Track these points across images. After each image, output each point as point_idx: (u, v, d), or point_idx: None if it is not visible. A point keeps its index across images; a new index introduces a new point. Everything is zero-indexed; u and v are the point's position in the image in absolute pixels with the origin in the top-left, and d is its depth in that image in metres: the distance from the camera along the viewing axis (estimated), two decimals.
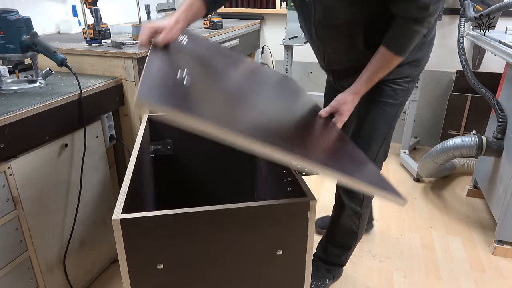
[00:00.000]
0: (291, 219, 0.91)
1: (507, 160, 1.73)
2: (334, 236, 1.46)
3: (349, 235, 1.42)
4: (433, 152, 2.08)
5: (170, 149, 1.58)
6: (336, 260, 1.50)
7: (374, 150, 1.26)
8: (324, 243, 1.50)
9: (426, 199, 2.19)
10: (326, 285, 1.52)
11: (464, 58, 2.03)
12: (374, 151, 1.26)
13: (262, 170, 1.56)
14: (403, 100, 1.24)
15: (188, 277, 0.92)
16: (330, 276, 1.53)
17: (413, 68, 1.22)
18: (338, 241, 1.46)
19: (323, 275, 1.51)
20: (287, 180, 1.10)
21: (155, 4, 2.78)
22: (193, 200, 1.73)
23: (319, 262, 1.52)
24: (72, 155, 1.31)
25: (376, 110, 1.23)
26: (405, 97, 1.24)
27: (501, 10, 1.73)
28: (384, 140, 1.25)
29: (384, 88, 1.21)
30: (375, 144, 1.25)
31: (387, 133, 1.25)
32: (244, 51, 2.63)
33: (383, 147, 1.27)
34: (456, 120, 2.59)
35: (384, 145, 1.26)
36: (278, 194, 1.24)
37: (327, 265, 1.51)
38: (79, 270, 1.42)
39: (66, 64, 1.30)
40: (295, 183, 1.03)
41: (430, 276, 1.61)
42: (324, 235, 1.51)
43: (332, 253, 1.48)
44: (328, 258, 1.50)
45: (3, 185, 1.07)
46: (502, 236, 1.72)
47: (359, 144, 1.21)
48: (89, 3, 1.68)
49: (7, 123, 1.04)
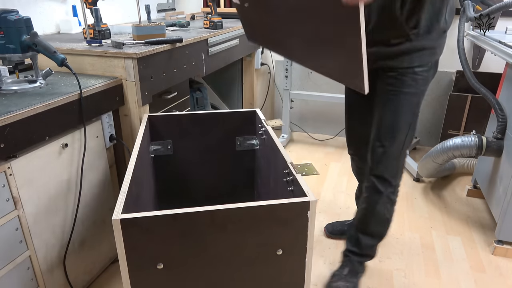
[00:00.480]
0: (291, 219, 0.91)
1: (507, 160, 1.73)
2: (368, 227, 1.48)
3: (383, 223, 1.47)
4: (433, 152, 2.08)
5: (170, 149, 1.58)
6: (369, 251, 1.53)
7: (401, 138, 1.32)
8: (355, 236, 1.52)
9: (426, 199, 2.19)
10: (359, 279, 1.55)
11: (464, 58, 2.03)
12: (401, 139, 1.32)
13: (262, 170, 1.56)
14: (423, 88, 1.29)
15: (188, 277, 0.92)
16: (362, 270, 1.56)
17: (431, 56, 1.26)
18: (373, 231, 1.49)
19: (357, 269, 1.54)
20: (287, 180, 1.10)
21: (155, 4, 2.78)
22: (193, 200, 1.73)
23: (352, 256, 1.54)
24: (72, 155, 1.31)
25: (399, 101, 1.28)
26: (425, 86, 1.29)
27: (501, 10, 1.72)
28: (409, 128, 1.31)
29: (405, 80, 1.25)
30: (402, 132, 1.31)
31: (411, 121, 1.31)
32: (244, 51, 2.63)
33: (409, 134, 1.32)
34: (456, 120, 2.59)
35: (410, 132, 1.32)
36: (278, 194, 1.24)
37: (361, 258, 1.54)
38: (79, 270, 1.42)
39: (66, 64, 1.30)
40: (295, 183, 1.03)
41: (430, 276, 1.61)
42: (353, 229, 1.53)
43: (366, 245, 1.50)
44: (361, 251, 1.52)
45: (3, 185, 1.07)
46: (502, 236, 1.72)
47: (386, 134, 1.30)
48: (89, 3, 1.67)
49: (7, 123, 1.04)
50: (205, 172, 1.68)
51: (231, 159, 1.67)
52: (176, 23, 2.24)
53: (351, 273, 1.52)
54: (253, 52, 2.88)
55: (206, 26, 2.23)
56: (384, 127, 1.32)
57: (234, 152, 1.66)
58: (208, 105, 2.53)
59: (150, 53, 1.52)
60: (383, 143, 1.33)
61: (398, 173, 1.38)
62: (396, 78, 1.26)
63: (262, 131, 1.50)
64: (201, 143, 1.61)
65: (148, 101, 1.57)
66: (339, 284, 1.50)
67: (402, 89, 1.27)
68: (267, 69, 3.11)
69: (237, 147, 1.64)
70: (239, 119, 1.60)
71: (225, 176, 1.71)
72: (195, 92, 2.39)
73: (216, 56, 2.15)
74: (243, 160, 1.69)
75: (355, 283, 1.51)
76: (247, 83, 3.00)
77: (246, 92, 3.03)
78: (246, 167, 1.71)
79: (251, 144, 1.65)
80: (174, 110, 1.84)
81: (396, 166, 1.36)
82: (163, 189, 1.66)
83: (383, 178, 1.37)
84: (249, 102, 3.05)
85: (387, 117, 1.31)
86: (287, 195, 1.11)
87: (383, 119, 1.32)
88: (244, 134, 1.63)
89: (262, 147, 1.53)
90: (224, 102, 3.14)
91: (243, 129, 1.62)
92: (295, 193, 1.05)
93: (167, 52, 1.64)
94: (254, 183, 1.75)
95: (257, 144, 1.62)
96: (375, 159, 1.37)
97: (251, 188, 1.76)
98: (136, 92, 1.50)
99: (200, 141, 1.61)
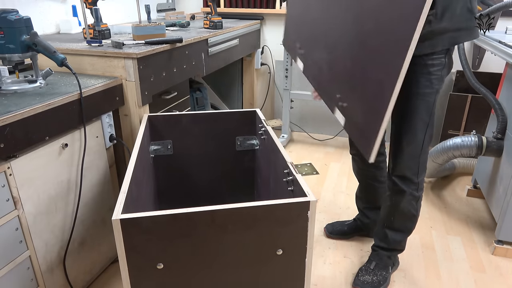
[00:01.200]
0: (291, 219, 0.92)
1: (507, 160, 1.73)
2: (394, 223, 1.50)
3: (409, 220, 1.48)
4: (433, 152, 2.08)
5: (170, 149, 1.58)
6: (397, 246, 1.54)
7: (420, 138, 1.33)
8: (383, 231, 1.53)
9: (426, 199, 2.19)
10: (389, 273, 1.57)
11: (464, 58, 2.03)
12: (420, 138, 1.33)
13: (262, 170, 1.56)
14: (438, 87, 1.30)
15: (188, 277, 0.92)
16: (391, 263, 1.58)
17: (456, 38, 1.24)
18: (400, 227, 1.50)
19: (386, 263, 1.56)
20: (287, 180, 1.10)
21: (155, 4, 2.78)
22: (192, 200, 1.73)
23: (380, 251, 1.56)
24: (72, 155, 1.31)
25: (416, 101, 1.29)
26: (440, 84, 1.30)
27: (501, 10, 1.72)
28: (427, 127, 1.32)
29: (420, 80, 1.27)
30: (420, 132, 1.32)
31: (429, 120, 1.32)
32: (244, 51, 2.63)
33: (428, 132, 1.34)
34: (456, 120, 2.59)
35: (429, 130, 1.33)
36: (278, 194, 1.24)
37: (389, 252, 1.56)
38: (79, 270, 1.42)
39: (66, 64, 1.30)
40: (295, 183, 1.03)
41: (430, 276, 1.61)
42: (380, 225, 1.55)
43: (393, 240, 1.52)
44: (389, 246, 1.54)
45: (3, 185, 1.07)
46: (502, 236, 1.72)
47: (405, 134, 1.32)
48: (89, 3, 1.67)
49: (7, 123, 1.04)
50: (205, 172, 1.68)
51: (231, 159, 1.67)
52: (176, 23, 2.25)
53: (378, 266, 1.55)
54: (253, 52, 2.88)
55: (206, 26, 2.23)
56: (404, 128, 1.33)
57: (234, 152, 1.66)
58: (208, 105, 2.53)
59: (150, 53, 1.52)
60: (401, 144, 1.34)
61: (420, 170, 1.38)
62: (413, 79, 1.26)
63: (262, 131, 1.50)
64: (201, 143, 1.61)
65: (148, 101, 1.57)
66: (366, 278, 1.53)
67: (418, 90, 1.28)
68: (267, 69, 3.11)
69: (237, 147, 1.64)
70: (239, 119, 1.60)
71: (225, 176, 1.71)
72: (195, 92, 2.39)
73: (216, 56, 2.15)
74: (243, 160, 1.69)
75: (384, 276, 1.53)
76: (247, 83, 3.00)
77: (246, 92, 3.03)
78: (246, 167, 1.71)
79: (251, 144, 1.65)
80: (174, 110, 1.84)
81: (417, 164, 1.37)
82: (163, 189, 1.66)
83: (405, 177, 1.39)
84: (249, 102, 3.05)
85: (406, 118, 1.32)
86: (287, 195, 1.11)
87: (403, 120, 1.33)
88: (244, 134, 1.63)
89: (262, 147, 1.53)
90: (224, 102, 3.14)
91: (243, 129, 1.62)
92: (295, 193, 1.05)
93: (167, 52, 1.64)
94: (254, 183, 1.75)
95: (257, 144, 1.62)
96: (394, 160, 1.38)
97: (251, 188, 1.76)
98: (136, 92, 1.50)
99: (200, 141, 1.61)
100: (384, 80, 0.85)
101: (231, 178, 1.72)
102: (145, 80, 1.52)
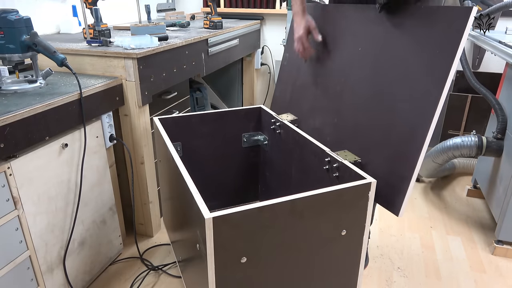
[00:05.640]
0: (355, 200, 0.99)
1: (507, 160, 1.73)
2: None
3: None
4: (433, 152, 2.08)
5: (179, 151, 1.58)
6: None
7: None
8: None
9: (426, 199, 2.19)
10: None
11: (464, 58, 2.03)
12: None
13: (274, 164, 1.59)
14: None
15: (268, 267, 0.96)
16: None
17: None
18: None
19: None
20: (330, 167, 1.16)
21: (155, 4, 2.78)
22: (205, 198, 1.77)
23: None
24: (72, 155, 1.31)
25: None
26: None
27: (501, 10, 1.72)
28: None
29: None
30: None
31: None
32: (244, 51, 2.63)
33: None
34: (456, 120, 2.59)
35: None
36: (317, 182, 1.27)
37: None
38: (79, 270, 1.42)
39: (66, 64, 1.30)
40: (343, 169, 1.10)
41: (430, 276, 1.61)
42: None
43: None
44: None
45: (3, 185, 1.07)
46: (502, 236, 1.72)
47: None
48: (89, 3, 1.67)
49: (7, 123, 1.04)
50: (212, 169, 1.70)
51: (237, 156, 1.71)
52: (176, 23, 2.25)
53: None
54: (253, 52, 2.88)
55: (206, 26, 2.23)
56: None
57: (240, 148, 1.69)
58: (208, 105, 2.53)
59: (150, 53, 1.52)
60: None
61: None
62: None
63: (276, 125, 1.51)
64: (209, 142, 1.63)
65: (148, 101, 1.57)
66: None
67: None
68: (267, 69, 3.11)
69: (243, 143, 1.67)
70: (245, 116, 1.63)
71: (231, 172, 1.74)
72: (195, 92, 2.39)
73: (216, 56, 2.15)
74: (249, 156, 1.72)
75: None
76: (247, 83, 3.00)
77: (246, 92, 3.03)
78: (251, 162, 1.74)
79: (256, 140, 1.67)
80: (174, 110, 1.84)
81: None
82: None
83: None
84: (249, 102, 3.05)
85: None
86: (330, 182, 1.16)
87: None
88: (249, 131, 1.67)
89: (273, 142, 1.54)
90: (224, 102, 3.14)
91: (248, 126, 1.67)
92: (341, 179, 1.11)
93: (167, 52, 1.64)
94: (259, 177, 1.78)
95: (265, 139, 1.64)
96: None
97: (256, 183, 1.79)
98: (136, 92, 1.50)
99: (208, 141, 1.63)
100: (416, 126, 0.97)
101: (237, 174, 1.75)
102: (145, 80, 1.52)
